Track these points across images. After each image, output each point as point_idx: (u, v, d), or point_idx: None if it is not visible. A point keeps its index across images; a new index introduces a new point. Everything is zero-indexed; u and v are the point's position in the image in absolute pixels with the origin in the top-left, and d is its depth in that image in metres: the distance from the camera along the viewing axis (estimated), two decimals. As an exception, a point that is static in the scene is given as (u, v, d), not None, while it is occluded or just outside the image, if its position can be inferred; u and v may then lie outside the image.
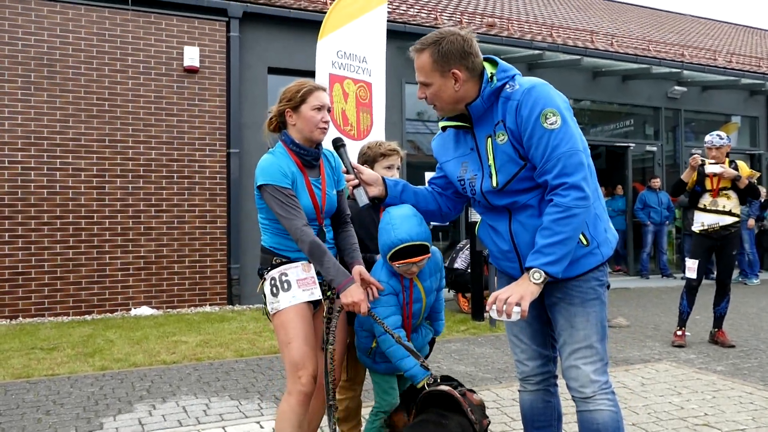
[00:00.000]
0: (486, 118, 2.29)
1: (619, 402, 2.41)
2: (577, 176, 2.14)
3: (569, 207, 2.12)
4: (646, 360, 5.43)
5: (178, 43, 8.52)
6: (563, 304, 2.33)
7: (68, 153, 7.93)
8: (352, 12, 5.96)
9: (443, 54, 2.22)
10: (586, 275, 2.30)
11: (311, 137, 2.78)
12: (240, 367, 5.16)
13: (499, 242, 2.39)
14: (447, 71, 2.23)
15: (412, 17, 10.40)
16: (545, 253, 2.14)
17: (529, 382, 2.57)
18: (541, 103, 2.16)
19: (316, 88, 2.80)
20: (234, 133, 8.76)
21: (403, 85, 9.96)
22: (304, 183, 2.76)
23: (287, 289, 2.71)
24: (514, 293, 2.14)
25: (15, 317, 7.62)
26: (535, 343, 2.52)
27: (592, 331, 2.31)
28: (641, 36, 14.47)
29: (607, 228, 2.36)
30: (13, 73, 7.70)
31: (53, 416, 4.00)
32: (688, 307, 6.02)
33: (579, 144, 2.18)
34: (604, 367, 2.33)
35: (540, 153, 2.15)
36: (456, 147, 2.45)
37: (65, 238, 7.89)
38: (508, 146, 2.23)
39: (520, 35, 11.43)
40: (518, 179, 2.24)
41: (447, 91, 2.26)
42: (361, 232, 3.09)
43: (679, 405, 4.12)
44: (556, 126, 2.14)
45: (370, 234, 3.11)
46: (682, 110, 12.98)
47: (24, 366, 5.25)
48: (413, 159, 10.18)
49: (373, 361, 2.96)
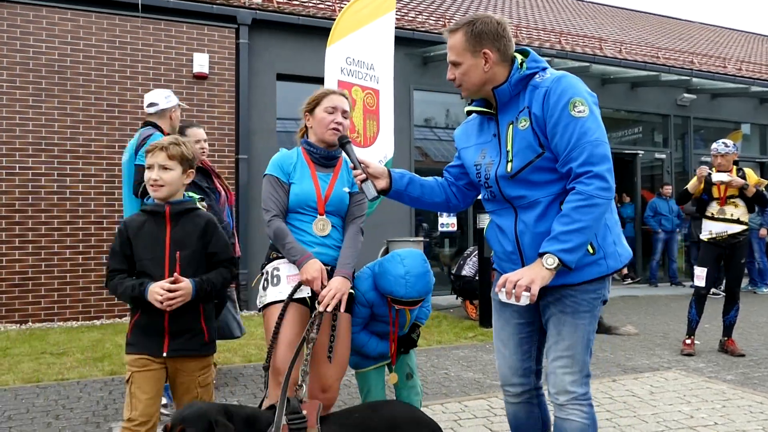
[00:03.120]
0: (511, 105, 2.30)
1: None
2: (602, 166, 2.13)
3: (592, 196, 2.10)
4: (655, 368, 5.40)
5: (188, 50, 8.58)
6: (555, 309, 2.33)
7: (78, 159, 7.99)
8: (361, 18, 5.98)
9: (476, 34, 2.25)
10: (584, 285, 2.27)
11: (323, 138, 2.92)
12: (248, 373, 5.17)
13: (504, 242, 2.40)
14: (478, 51, 2.26)
15: (421, 24, 10.43)
16: (561, 240, 2.11)
17: (509, 392, 2.57)
18: (570, 92, 2.17)
19: (332, 92, 2.97)
20: (243, 139, 8.80)
21: (411, 92, 9.98)
22: (309, 174, 2.87)
23: (276, 284, 2.75)
24: (525, 276, 2.12)
25: (25, 322, 7.66)
26: (518, 352, 2.50)
27: (576, 342, 2.29)
28: (650, 43, 14.45)
29: (617, 241, 2.32)
30: (24, 79, 7.77)
31: (63, 420, 4.02)
32: (697, 316, 5.99)
33: (605, 136, 2.17)
34: (583, 378, 2.32)
35: (566, 140, 2.15)
36: (479, 134, 2.46)
37: (75, 243, 7.94)
38: (528, 132, 2.22)
39: (529, 42, 11.44)
40: (533, 167, 2.23)
41: (476, 71, 2.28)
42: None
43: (688, 414, 4.10)
44: (584, 114, 2.15)
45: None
46: (692, 118, 12.93)
47: (34, 370, 5.27)
48: (421, 165, 10.19)
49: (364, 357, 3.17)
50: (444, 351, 6.10)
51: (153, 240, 2.60)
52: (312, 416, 2.23)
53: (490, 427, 3.81)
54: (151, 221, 2.62)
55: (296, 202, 2.82)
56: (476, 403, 4.34)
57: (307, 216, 2.84)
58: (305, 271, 2.67)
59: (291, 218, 2.86)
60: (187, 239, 2.61)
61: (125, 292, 2.55)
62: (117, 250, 2.61)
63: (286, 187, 2.83)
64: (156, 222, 2.61)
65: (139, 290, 2.52)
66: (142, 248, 2.59)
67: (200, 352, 2.67)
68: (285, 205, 2.82)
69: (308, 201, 2.82)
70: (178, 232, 2.60)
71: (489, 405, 4.26)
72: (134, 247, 2.60)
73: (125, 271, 2.61)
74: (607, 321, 7.28)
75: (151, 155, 2.62)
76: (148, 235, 2.60)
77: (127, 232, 2.60)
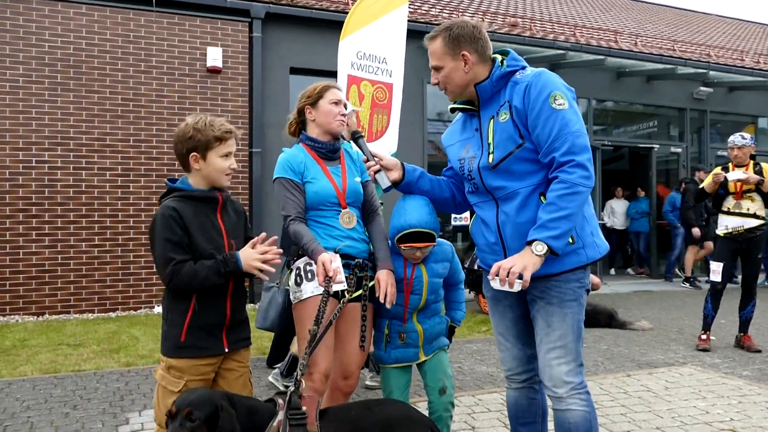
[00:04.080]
0: (493, 101, 2.42)
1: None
2: (583, 156, 2.23)
3: (575, 184, 2.20)
4: (670, 363, 5.37)
5: (202, 44, 8.60)
6: (542, 302, 2.40)
7: (94, 153, 8.05)
8: (374, 12, 5.97)
9: (454, 38, 2.39)
10: (566, 275, 2.36)
11: (330, 129, 2.92)
12: (262, 365, 5.20)
13: (487, 234, 2.49)
14: (457, 53, 2.39)
15: (434, 17, 10.39)
16: (549, 227, 2.20)
17: (514, 380, 2.67)
18: (550, 86, 2.28)
19: (332, 85, 2.98)
20: (256, 132, 8.83)
21: (424, 85, 9.95)
22: (322, 170, 2.87)
23: (311, 279, 2.75)
24: (517, 263, 2.21)
25: (42, 314, 7.75)
26: (520, 341, 2.60)
27: (567, 331, 2.36)
28: (666, 36, 14.30)
29: (594, 233, 2.43)
30: (40, 74, 7.84)
31: (80, 411, 4.07)
32: (712, 311, 5.94)
33: (584, 128, 2.29)
34: (578, 368, 2.38)
35: (547, 131, 2.24)
36: (462, 131, 2.59)
37: (90, 236, 8.01)
38: (509, 124, 2.33)
39: (543, 35, 11.36)
40: (513, 158, 2.32)
41: (457, 72, 2.41)
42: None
43: (704, 409, 4.07)
44: (564, 107, 2.25)
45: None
46: (708, 111, 12.78)
47: (51, 361, 5.34)
48: (434, 159, 10.17)
49: (384, 350, 2.95)
50: (457, 345, 6.09)
51: (212, 228, 2.43)
52: (312, 413, 2.25)
53: (503, 420, 3.81)
54: (200, 209, 2.43)
55: (317, 200, 2.82)
56: (490, 397, 4.34)
57: (331, 211, 2.84)
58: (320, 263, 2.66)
59: (315, 215, 2.84)
60: (236, 228, 2.55)
61: (209, 276, 2.30)
62: (176, 240, 2.32)
63: (300, 187, 2.82)
64: (206, 209, 2.44)
65: (233, 264, 2.32)
66: (204, 237, 2.39)
67: (249, 340, 2.59)
68: (302, 206, 2.81)
69: (329, 197, 2.82)
70: (228, 221, 2.51)
71: (502, 399, 4.25)
72: (192, 236, 2.36)
73: (190, 261, 2.34)
74: (621, 316, 7.25)
75: (231, 143, 2.47)
76: (206, 223, 2.42)
77: (183, 220, 2.35)
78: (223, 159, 2.45)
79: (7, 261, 7.63)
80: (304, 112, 2.96)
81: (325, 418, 2.31)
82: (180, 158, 2.48)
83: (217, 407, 2.03)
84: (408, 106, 9.94)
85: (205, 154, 2.42)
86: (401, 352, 2.93)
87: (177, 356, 2.36)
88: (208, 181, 2.47)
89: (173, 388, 2.33)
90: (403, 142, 9.77)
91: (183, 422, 2.00)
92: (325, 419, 2.30)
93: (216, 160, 2.43)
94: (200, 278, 2.30)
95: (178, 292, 2.37)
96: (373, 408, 2.41)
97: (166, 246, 2.32)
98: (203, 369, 2.39)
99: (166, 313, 2.43)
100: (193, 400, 2.04)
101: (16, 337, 6.37)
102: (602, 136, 11.77)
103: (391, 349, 2.93)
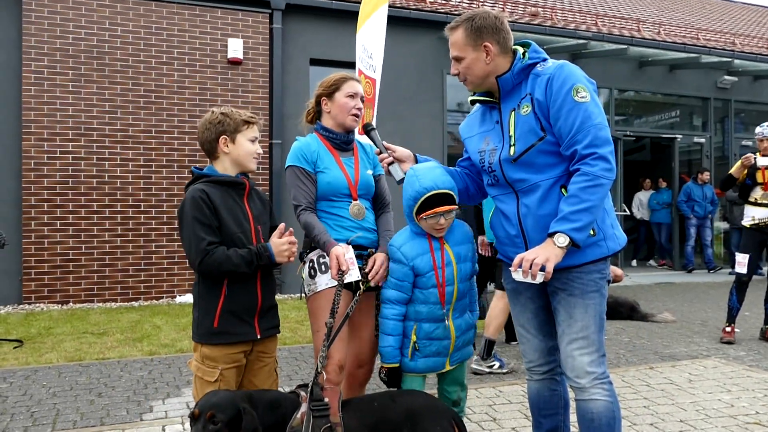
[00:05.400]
0: (513, 94, 2.41)
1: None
2: (605, 148, 2.23)
3: (597, 176, 2.21)
4: (694, 356, 5.31)
5: (222, 36, 8.63)
6: (563, 294, 2.39)
7: (116, 143, 8.13)
8: (371, 8, 6.07)
9: (476, 28, 2.37)
10: (588, 266, 2.36)
11: (344, 123, 2.92)
12: (283, 356, 5.24)
13: (508, 227, 2.48)
14: (479, 45, 2.37)
15: (454, 7, 10.32)
16: (571, 219, 2.20)
17: (535, 372, 2.66)
18: (573, 79, 2.27)
19: (350, 77, 2.96)
20: (276, 124, 8.85)
21: (444, 76, 9.90)
22: (335, 160, 2.87)
23: (325, 271, 2.76)
24: (540, 255, 2.21)
25: (66, 302, 7.87)
26: (541, 333, 2.60)
27: (590, 322, 2.36)
28: (690, 24, 14.06)
29: (614, 225, 2.44)
30: (64, 65, 7.92)
31: (105, 398, 4.13)
32: (737, 303, 5.86)
33: (606, 121, 2.29)
34: (600, 358, 2.38)
35: (569, 124, 2.24)
36: (482, 123, 2.57)
37: (113, 226, 8.11)
38: (530, 117, 2.33)
39: (564, 24, 11.23)
40: (535, 150, 2.32)
41: (478, 64, 2.39)
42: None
43: (728, 403, 4.02)
44: (586, 100, 2.25)
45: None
46: (732, 101, 12.57)
47: (76, 350, 5.42)
48: (453, 150, 10.12)
49: (410, 358, 2.69)
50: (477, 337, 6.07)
51: (240, 212, 2.47)
52: (334, 404, 2.26)
53: (524, 412, 3.80)
54: (228, 193, 2.46)
55: (329, 190, 2.82)
56: (511, 389, 4.33)
57: (342, 202, 2.84)
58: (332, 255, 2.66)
59: (326, 206, 2.84)
60: (262, 215, 2.58)
61: (240, 264, 2.32)
62: (206, 223, 2.34)
63: (312, 176, 2.81)
64: (233, 194, 2.48)
65: (266, 258, 2.37)
66: (232, 221, 2.42)
67: (279, 328, 2.61)
68: (313, 196, 2.81)
69: (340, 188, 2.82)
70: (254, 208, 2.55)
71: (523, 390, 4.24)
72: (221, 218, 2.38)
73: (220, 244, 2.36)
74: (643, 308, 7.18)
75: (256, 129, 2.55)
76: (233, 207, 2.45)
77: (212, 203, 2.37)
78: (251, 143, 2.51)
79: (32, 250, 7.75)
80: (320, 102, 2.96)
81: (348, 408, 2.32)
82: (207, 145, 2.51)
83: (239, 409, 2.04)
84: (427, 97, 9.92)
85: (234, 136, 2.48)
86: (431, 362, 2.70)
87: (210, 343, 2.37)
88: (236, 164, 2.52)
89: (209, 378, 2.35)
90: (422, 133, 9.78)
91: (206, 425, 2.01)
92: (348, 410, 2.31)
93: (245, 142, 2.50)
94: (232, 264, 2.32)
95: (205, 275, 2.38)
96: (396, 398, 2.42)
97: (195, 226, 2.33)
98: (236, 356, 2.40)
99: (198, 300, 2.44)
100: (216, 403, 2.05)
101: (41, 325, 6.48)
102: (624, 127, 11.63)
103: (419, 357, 2.68)
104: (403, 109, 9.60)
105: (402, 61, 9.55)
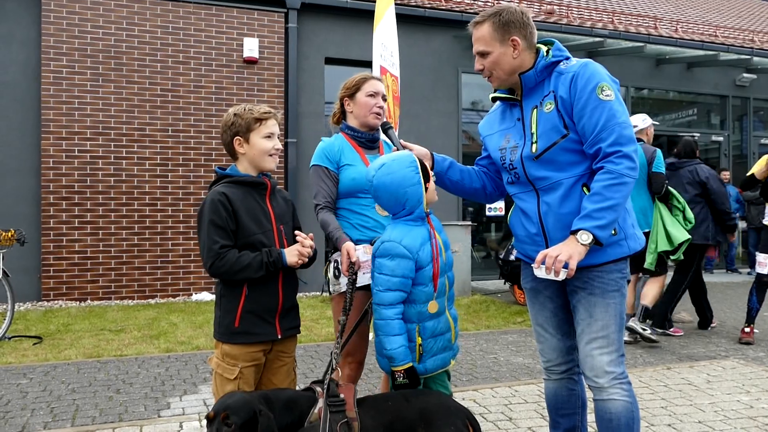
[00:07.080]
0: (536, 91, 2.40)
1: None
2: (630, 147, 2.23)
3: (621, 174, 2.20)
4: (712, 357, 5.26)
5: (238, 35, 8.68)
6: (583, 293, 2.38)
7: (133, 142, 8.21)
8: (384, 6, 6.06)
9: (504, 23, 2.36)
10: (609, 266, 2.36)
11: (366, 122, 2.97)
12: (298, 354, 5.24)
13: (528, 225, 2.47)
14: (506, 39, 2.35)
15: (469, 5, 10.28)
16: (595, 217, 2.20)
17: (553, 371, 2.65)
18: (597, 77, 2.27)
19: (371, 77, 3.01)
20: (292, 122, 8.88)
21: (459, 75, 9.88)
22: (360, 158, 2.92)
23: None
24: (563, 252, 2.20)
25: (84, 300, 7.95)
26: (559, 332, 2.59)
27: (610, 322, 2.36)
28: (707, 21, 13.91)
29: (634, 224, 2.44)
30: (82, 65, 8.01)
31: (123, 395, 4.17)
32: (757, 304, 5.79)
33: (629, 120, 2.29)
34: (620, 358, 2.38)
35: (594, 122, 2.24)
36: (502, 121, 2.57)
37: (131, 224, 8.18)
38: (553, 114, 2.32)
39: (580, 22, 11.16)
40: (557, 148, 2.32)
41: (506, 58, 2.37)
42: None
43: (747, 404, 3.98)
44: (611, 98, 2.26)
45: None
46: (751, 98, 12.43)
47: (94, 346, 5.48)
48: (468, 149, 10.10)
49: (419, 362, 2.46)
50: (492, 336, 6.07)
51: (261, 212, 2.46)
52: (350, 400, 2.26)
53: (541, 411, 3.78)
54: (249, 194, 2.45)
55: (354, 186, 2.85)
56: (527, 388, 4.31)
57: (366, 199, 2.86)
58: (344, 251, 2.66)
59: (350, 203, 2.88)
60: (285, 214, 2.58)
61: (251, 265, 2.32)
62: (222, 226, 2.34)
63: (333, 176, 2.87)
64: (254, 195, 2.47)
65: (276, 256, 2.36)
66: (253, 221, 2.41)
67: (299, 328, 2.61)
68: (334, 195, 2.87)
69: (365, 184, 2.82)
70: (277, 207, 2.54)
71: (539, 390, 4.23)
72: (241, 220, 2.38)
73: (234, 247, 2.36)
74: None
75: (271, 124, 2.51)
76: (255, 208, 2.44)
77: (232, 205, 2.36)
78: (266, 140, 2.48)
79: (51, 248, 7.85)
80: (344, 103, 3.02)
81: (363, 406, 2.32)
82: (227, 147, 2.52)
83: (255, 412, 2.04)
84: (442, 96, 9.90)
85: (247, 136, 2.47)
86: (439, 359, 2.51)
87: (231, 342, 2.38)
88: (254, 164, 2.50)
89: (229, 376, 2.36)
90: (437, 131, 9.77)
91: (220, 427, 2.01)
92: (363, 407, 2.32)
93: (259, 141, 2.47)
94: (241, 266, 2.31)
95: (217, 278, 2.41)
96: (410, 398, 2.41)
97: (210, 229, 2.34)
98: (256, 355, 2.41)
99: (219, 299, 2.45)
100: (231, 405, 2.05)
101: (60, 321, 6.56)
102: (641, 125, 11.52)
103: (427, 357, 2.48)
104: (419, 107, 9.59)
105: (417, 59, 9.55)
